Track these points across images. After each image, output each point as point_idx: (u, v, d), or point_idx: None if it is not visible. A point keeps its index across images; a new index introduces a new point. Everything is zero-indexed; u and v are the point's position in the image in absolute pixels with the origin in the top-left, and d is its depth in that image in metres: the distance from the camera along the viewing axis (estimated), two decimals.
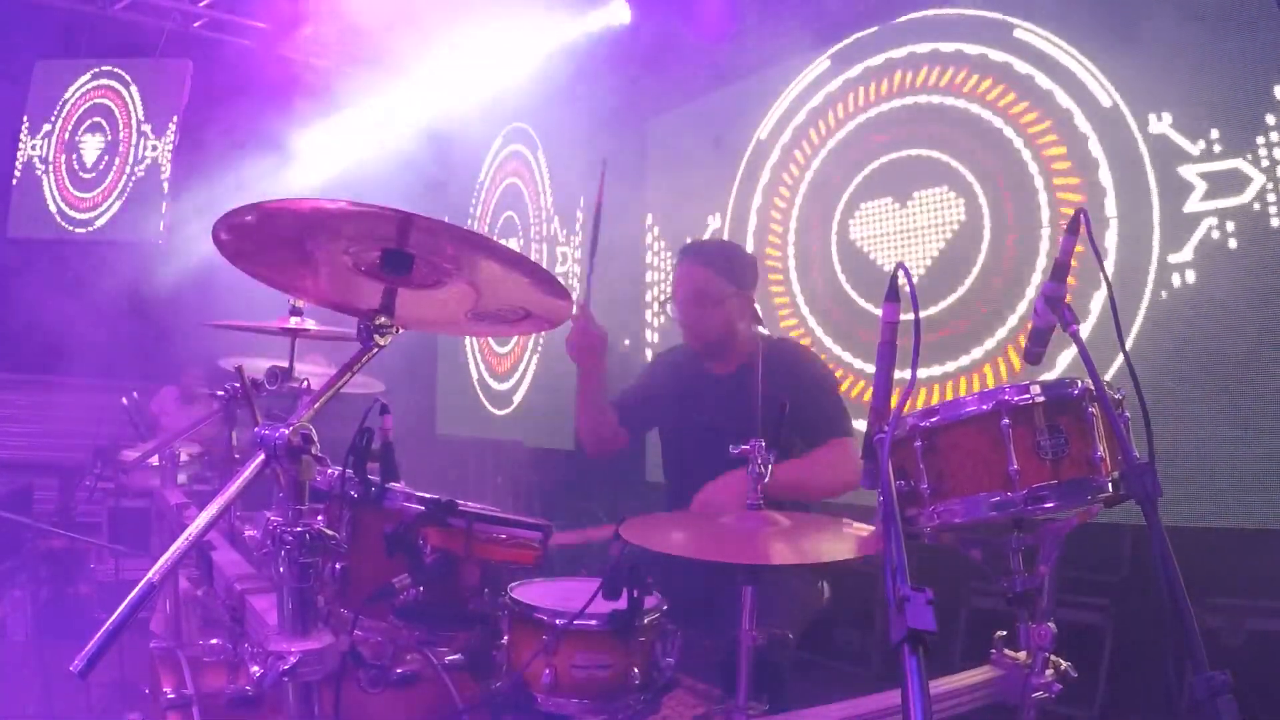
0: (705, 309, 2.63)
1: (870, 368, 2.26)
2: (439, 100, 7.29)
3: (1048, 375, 3.56)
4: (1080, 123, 3.86)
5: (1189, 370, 3.43)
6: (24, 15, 7.18)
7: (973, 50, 4.29)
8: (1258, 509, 3.21)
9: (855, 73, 4.90)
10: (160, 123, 8.06)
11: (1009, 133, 4.14)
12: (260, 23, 7.70)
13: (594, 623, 1.64)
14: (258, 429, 1.31)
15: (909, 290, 1.42)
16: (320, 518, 1.32)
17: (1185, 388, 3.42)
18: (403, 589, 1.68)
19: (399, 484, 1.78)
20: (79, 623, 4.45)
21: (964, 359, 4.27)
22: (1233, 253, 3.37)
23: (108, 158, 8.13)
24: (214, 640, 1.75)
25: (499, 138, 7.92)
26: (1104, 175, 3.77)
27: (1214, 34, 3.38)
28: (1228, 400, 3.32)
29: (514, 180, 7.76)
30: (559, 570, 2.02)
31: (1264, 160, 3.28)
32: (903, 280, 1.44)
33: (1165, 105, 3.55)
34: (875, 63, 4.79)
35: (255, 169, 7.28)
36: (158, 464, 3.42)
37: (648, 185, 6.25)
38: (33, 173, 8.10)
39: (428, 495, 1.76)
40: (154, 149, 8.08)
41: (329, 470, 1.75)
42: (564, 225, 7.07)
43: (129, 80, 8.09)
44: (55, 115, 8.14)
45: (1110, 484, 1.57)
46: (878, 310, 1.49)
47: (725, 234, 5.63)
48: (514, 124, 7.65)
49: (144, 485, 4.01)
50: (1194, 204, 3.47)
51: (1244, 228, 3.34)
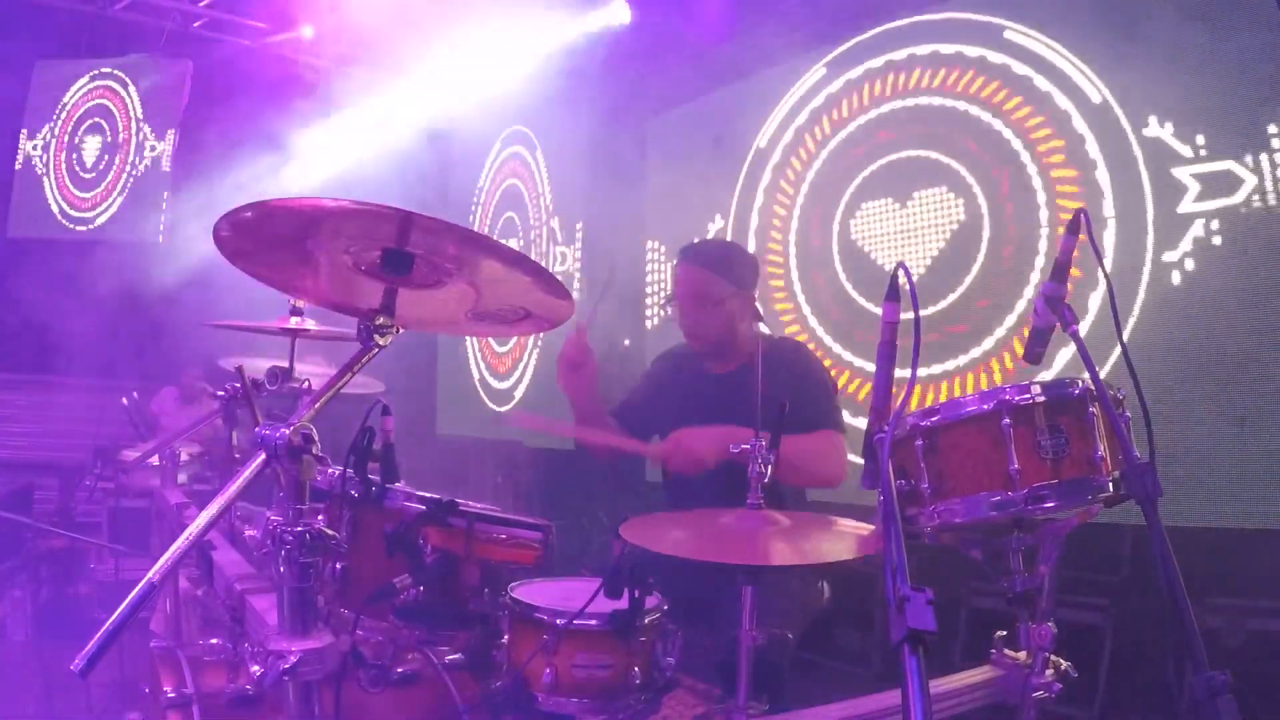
0: (705, 310, 2.62)
1: (870, 367, 2.26)
2: (439, 100, 7.29)
3: (1046, 375, 3.57)
4: (1078, 124, 3.87)
5: (1188, 370, 3.43)
6: (24, 15, 7.17)
7: (972, 53, 4.30)
8: (1258, 509, 3.20)
9: (856, 74, 4.90)
10: (160, 123, 8.06)
11: (1008, 134, 4.15)
12: (260, 23, 7.70)
13: (594, 622, 1.64)
14: (258, 429, 1.31)
15: (909, 290, 1.42)
16: (320, 517, 1.32)
17: (1184, 387, 3.42)
18: (403, 589, 1.68)
19: (399, 484, 1.78)
20: (79, 623, 4.44)
21: (963, 358, 4.28)
22: (1228, 253, 3.37)
23: (108, 157, 8.13)
24: (214, 640, 1.75)
25: (499, 139, 7.92)
26: (1101, 176, 3.78)
27: (1208, 37, 3.39)
28: (1227, 400, 3.32)
29: (514, 181, 7.76)
30: (559, 570, 2.02)
31: (1255, 162, 3.29)
32: (903, 280, 1.44)
33: (1159, 108, 3.56)
34: (876, 64, 4.79)
35: (255, 169, 7.28)
36: (158, 464, 3.42)
37: (647, 185, 6.25)
38: (33, 172, 8.10)
39: (428, 495, 1.77)
40: (154, 149, 8.07)
41: (329, 470, 1.75)
42: (563, 226, 7.06)
43: (129, 80, 8.08)
44: (55, 115, 8.14)
45: (1110, 484, 1.57)
46: (878, 310, 1.49)
47: (728, 234, 5.63)
48: (514, 126, 7.65)
49: (144, 485, 4.01)
50: (1187, 205, 3.48)
51: (1237, 228, 3.34)
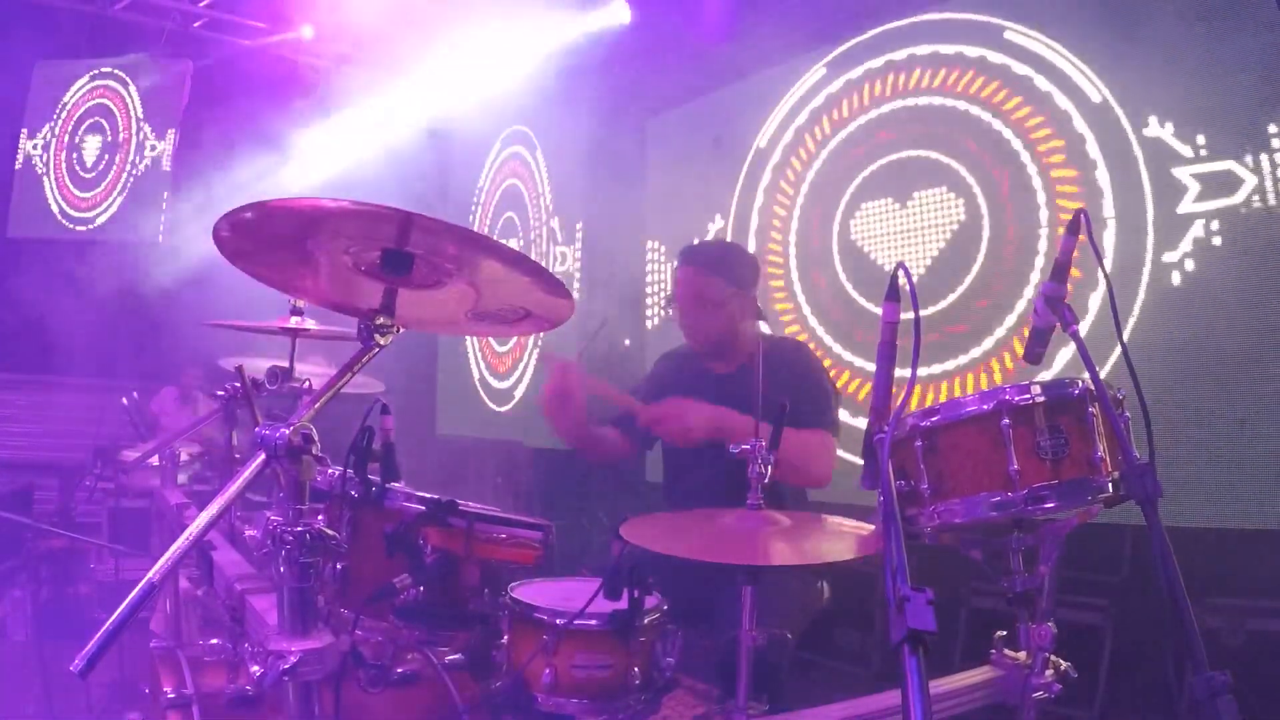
0: (705, 311, 2.62)
1: (871, 367, 2.25)
2: (439, 100, 7.29)
3: (1045, 375, 3.57)
4: (1078, 124, 3.87)
5: (1188, 370, 3.43)
6: (24, 15, 7.18)
7: (972, 53, 4.30)
8: (1258, 509, 3.20)
9: (856, 74, 4.90)
10: (160, 122, 8.06)
11: (1008, 134, 4.15)
12: (260, 22, 7.70)
13: (594, 623, 1.64)
14: (258, 429, 1.31)
15: (909, 290, 1.42)
16: (320, 518, 1.32)
17: (1184, 387, 3.42)
18: (403, 589, 1.68)
19: (399, 484, 1.78)
20: (79, 623, 4.44)
21: (963, 358, 4.28)
22: (1228, 253, 3.37)
23: (108, 157, 8.13)
24: (214, 640, 1.75)
25: (499, 140, 7.92)
26: (1101, 176, 3.78)
27: (1208, 37, 3.39)
28: (1227, 400, 3.32)
29: (514, 181, 7.76)
30: (559, 570, 2.02)
31: (1255, 162, 3.29)
32: (903, 280, 1.44)
33: (1159, 108, 3.56)
34: (876, 64, 4.79)
35: (255, 169, 7.28)
36: (158, 464, 3.42)
37: (647, 185, 6.25)
38: (33, 172, 8.09)
39: (428, 495, 1.77)
40: (154, 149, 8.07)
41: (329, 470, 1.75)
42: (563, 226, 7.06)
43: (129, 80, 8.08)
44: (55, 115, 8.14)
45: (1110, 484, 1.57)
46: (878, 310, 1.49)
47: (728, 234, 5.63)
48: (514, 126, 7.65)
49: (144, 485, 4.02)
50: (1187, 205, 3.48)
51: (1237, 228, 3.34)
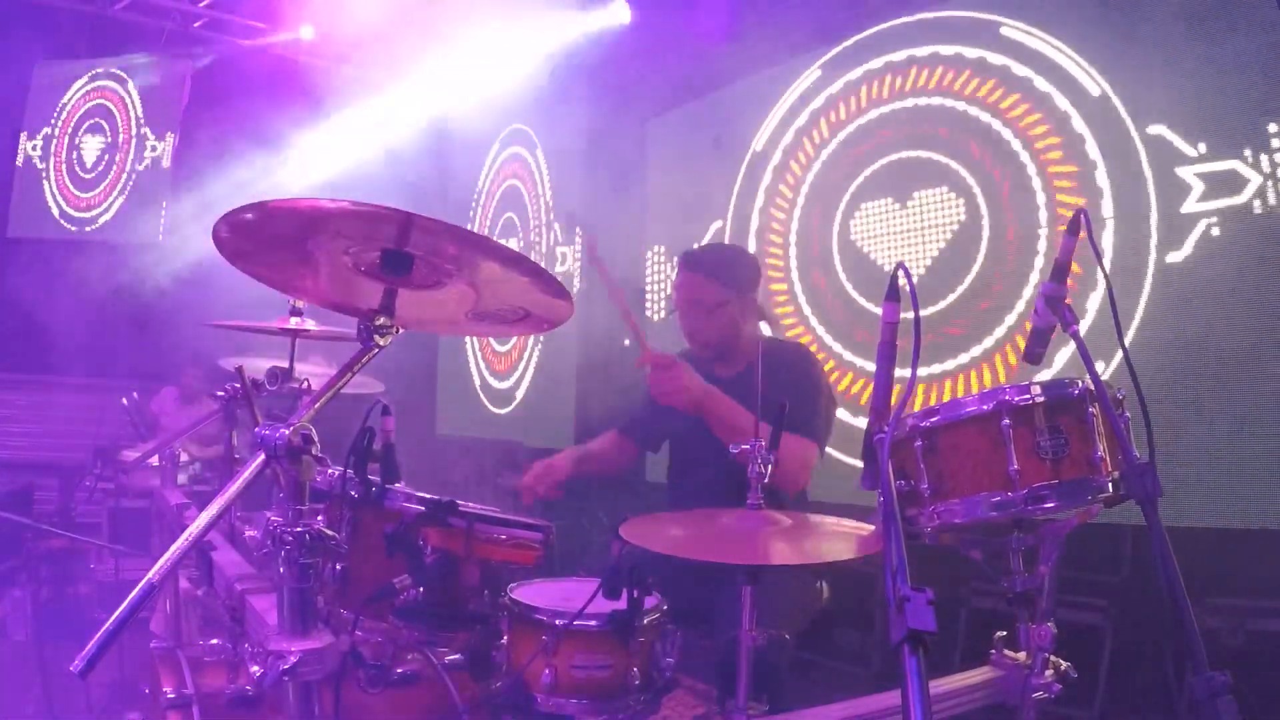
0: (705, 315, 2.63)
1: (871, 367, 2.24)
2: (438, 100, 7.29)
3: (1045, 374, 3.57)
4: (1078, 124, 3.87)
5: (1188, 369, 3.42)
6: (24, 15, 7.18)
7: (972, 53, 4.30)
8: (1257, 509, 3.20)
9: (856, 74, 4.90)
10: (160, 123, 8.06)
11: (1007, 134, 4.15)
12: (260, 22, 7.70)
13: (594, 623, 1.64)
14: (258, 429, 1.31)
15: (909, 290, 1.42)
16: (320, 518, 1.32)
17: (1184, 387, 3.42)
18: (403, 589, 1.68)
19: (399, 484, 1.78)
20: (79, 623, 4.44)
21: (964, 358, 4.27)
22: (1231, 253, 3.36)
23: (108, 158, 8.13)
24: (214, 640, 1.75)
25: (498, 140, 7.92)
26: (1101, 176, 3.78)
27: (1211, 36, 3.38)
28: (1227, 400, 3.32)
29: (514, 182, 7.76)
30: (559, 570, 2.02)
31: (1257, 161, 3.28)
32: (903, 280, 1.44)
33: (1163, 106, 3.55)
34: (876, 65, 4.79)
35: (255, 169, 7.28)
36: (158, 464, 3.42)
37: (648, 186, 6.25)
38: (33, 172, 8.09)
39: (428, 495, 1.77)
40: (154, 149, 8.07)
41: (329, 470, 1.75)
42: (563, 226, 7.06)
43: (129, 80, 8.09)
44: (55, 116, 8.14)
45: (1110, 484, 1.57)
46: (878, 310, 1.49)
47: (727, 235, 5.63)
48: (514, 125, 7.65)
49: (144, 485, 4.01)
50: (1191, 204, 3.47)
51: (1241, 228, 3.34)
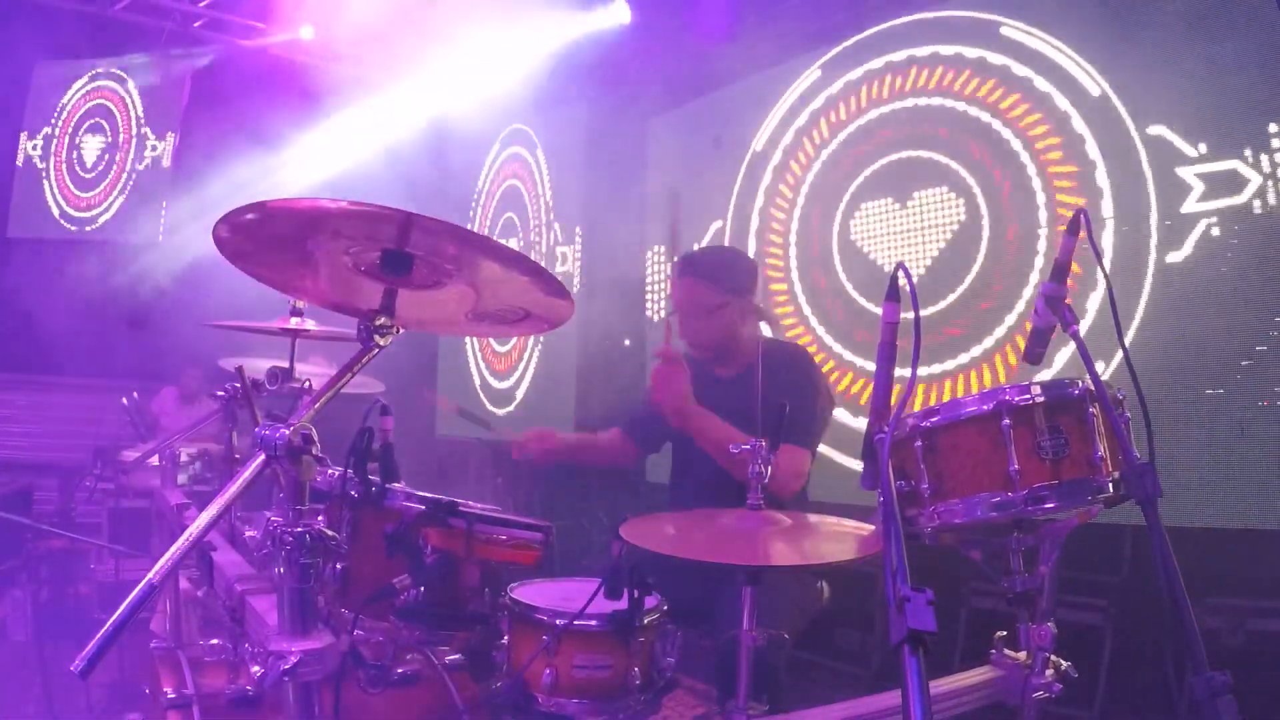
0: (703, 319, 2.64)
1: (871, 367, 2.24)
2: (438, 100, 7.28)
3: (1045, 375, 3.56)
4: (1078, 124, 3.87)
5: (1188, 369, 3.43)
6: (24, 15, 7.17)
7: (972, 53, 4.30)
8: (1258, 509, 3.20)
9: (856, 75, 4.90)
10: (160, 123, 8.07)
11: (1007, 134, 4.15)
12: (260, 22, 7.70)
13: (594, 623, 1.64)
14: (258, 429, 1.31)
15: (909, 290, 1.42)
16: (321, 518, 1.32)
17: (1185, 388, 3.42)
18: (403, 589, 1.68)
19: (399, 484, 1.78)
20: (79, 623, 4.44)
21: (964, 358, 4.27)
22: (1231, 252, 3.36)
23: (108, 158, 8.13)
24: (214, 641, 1.75)
25: (499, 139, 7.91)
26: (1101, 176, 3.78)
27: (1211, 36, 3.38)
28: (1227, 400, 3.32)
29: (514, 181, 7.76)
30: (559, 571, 2.02)
31: (1257, 161, 3.28)
32: (903, 280, 1.44)
33: (1163, 106, 3.55)
34: (876, 65, 4.79)
35: (255, 169, 7.28)
36: (158, 464, 3.41)
37: (648, 186, 6.25)
38: (33, 173, 8.09)
39: (428, 495, 1.77)
40: (154, 149, 8.07)
41: (329, 471, 1.75)
42: (564, 226, 7.06)
43: (129, 80, 8.09)
44: (55, 116, 8.14)
45: (1110, 484, 1.57)
46: (878, 310, 1.49)
47: (727, 235, 5.63)
48: (514, 125, 7.65)
49: (144, 485, 4.00)
50: (1191, 205, 3.47)
51: (1241, 228, 3.34)
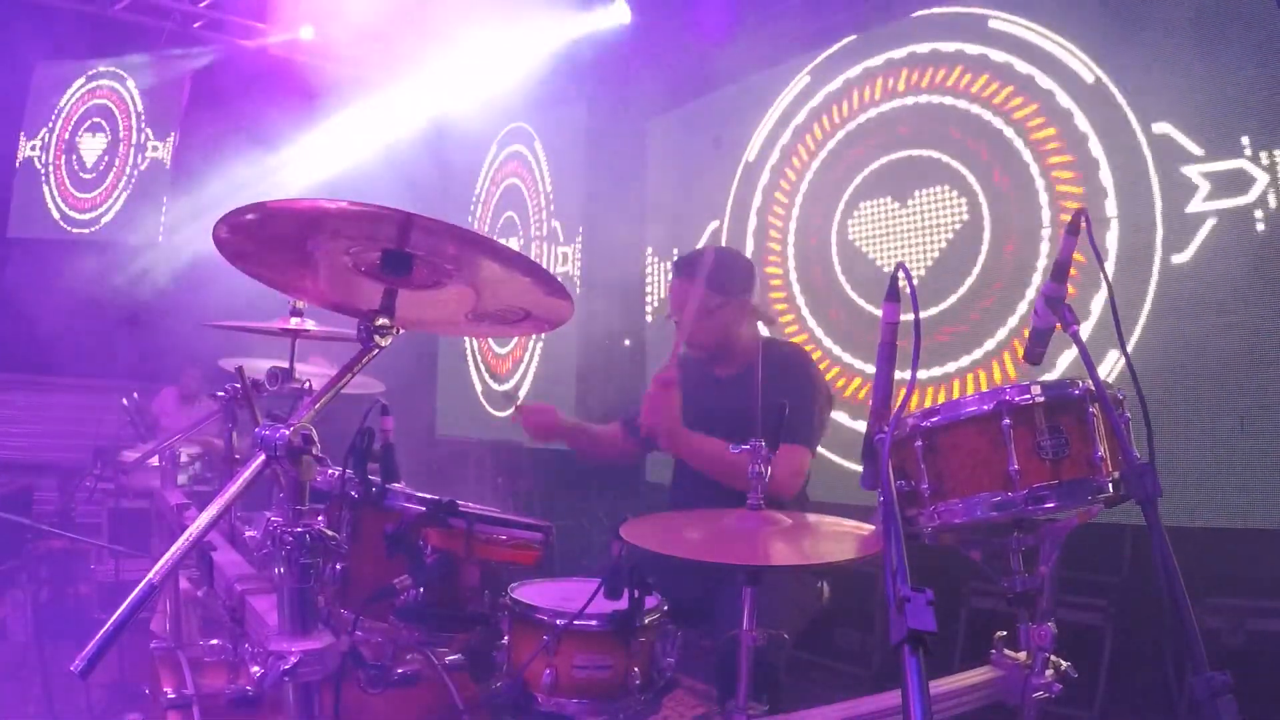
0: (699, 321, 2.65)
1: (870, 368, 2.24)
2: (438, 100, 7.29)
3: (1047, 375, 3.56)
4: (1081, 122, 3.86)
5: (1189, 370, 3.42)
6: (24, 15, 7.17)
7: (973, 50, 4.29)
8: (1258, 509, 3.20)
9: (855, 73, 4.90)
10: (160, 123, 8.06)
11: (1009, 132, 4.15)
12: (260, 23, 7.70)
13: (594, 623, 1.64)
14: (258, 429, 1.31)
15: (909, 290, 1.42)
16: (321, 518, 1.32)
17: (1185, 388, 3.42)
18: (403, 589, 1.68)
19: (399, 484, 1.78)
20: (79, 623, 4.44)
21: (964, 359, 4.27)
22: (1234, 253, 3.36)
23: (108, 158, 8.13)
24: (214, 641, 1.75)
25: (498, 138, 7.91)
26: (1105, 175, 3.77)
27: (1218, 35, 3.38)
28: (1228, 400, 3.32)
29: (514, 180, 7.75)
30: (559, 571, 2.02)
31: (1258, 159, 3.28)
32: (903, 281, 1.44)
33: (1168, 105, 3.55)
34: (875, 63, 4.79)
35: (255, 169, 7.28)
36: (158, 465, 3.41)
37: (647, 186, 6.25)
38: (33, 173, 8.09)
39: (428, 496, 1.77)
40: (154, 149, 8.07)
41: (329, 471, 1.75)
42: (564, 226, 7.06)
43: (129, 80, 8.08)
44: (55, 116, 8.13)
45: (1110, 484, 1.57)
46: (878, 310, 1.49)
47: (724, 235, 5.63)
48: (514, 124, 7.65)
49: (144, 486, 4.00)
50: (1197, 204, 3.47)
51: (1246, 228, 3.33)
